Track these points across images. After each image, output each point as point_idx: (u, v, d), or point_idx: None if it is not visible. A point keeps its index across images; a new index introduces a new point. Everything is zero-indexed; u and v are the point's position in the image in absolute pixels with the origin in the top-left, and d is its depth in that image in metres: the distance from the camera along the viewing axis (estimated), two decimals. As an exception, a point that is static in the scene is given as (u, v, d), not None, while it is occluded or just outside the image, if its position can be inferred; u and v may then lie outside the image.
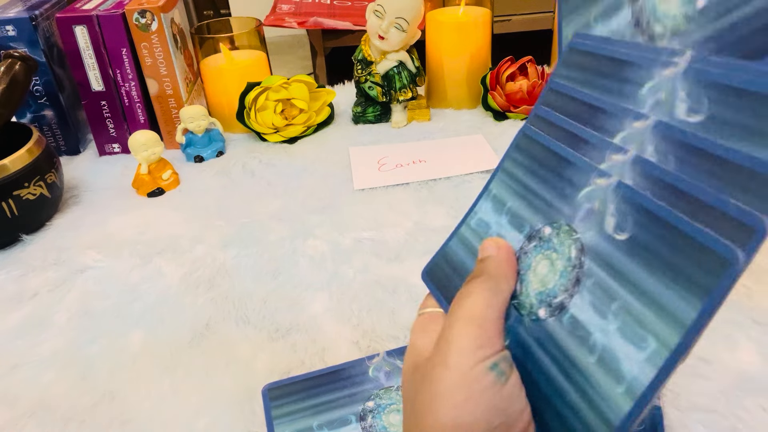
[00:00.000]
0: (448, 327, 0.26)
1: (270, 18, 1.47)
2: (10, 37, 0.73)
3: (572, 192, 0.28)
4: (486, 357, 0.25)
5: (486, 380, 0.24)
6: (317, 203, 0.66)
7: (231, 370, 0.46)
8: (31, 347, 0.50)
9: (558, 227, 0.28)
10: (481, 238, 0.32)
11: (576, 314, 0.25)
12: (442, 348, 0.26)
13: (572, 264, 0.26)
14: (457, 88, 0.84)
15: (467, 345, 0.25)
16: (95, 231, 0.65)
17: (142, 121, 0.79)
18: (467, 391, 0.24)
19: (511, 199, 0.32)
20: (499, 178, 0.33)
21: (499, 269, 0.28)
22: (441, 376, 0.25)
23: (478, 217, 0.33)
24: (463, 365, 0.24)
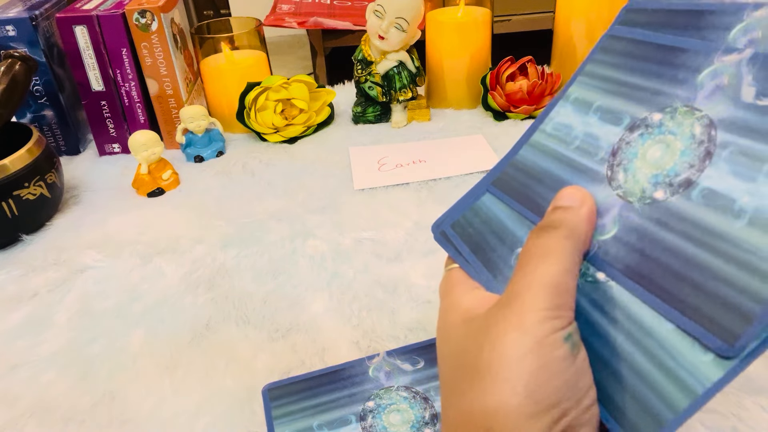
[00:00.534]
0: (523, 288, 0.24)
1: (270, 18, 1.47)
2: (10, 37, 0.73)
3: (688, 75, 0.28)
4: (562, 327, 0.24)
5: (560, 351, 0.23)
6: (317, 203, 0.66)
7: (231, 370, 0.46)
8: (31, 347, 0.50)
9: (672, 111, 0.28)
10: (562, 141, 0.32)
11: (710, 185, 0.25)
12: (516, 309, 0.24)
13: (697, 141, 0.26)
14: (457, 88, 0.84)
15: (544, 312, 0.24)
16: (95, 231, 0.65)
17: (142, 121, 0.79)
18: (542, 359, 0.23)
19: (601, 97, 0.31)
20: (581, 82, 0.33)
21: (582, 227, 0.26)
22: (514, 340, 0.23)
23: (556, 121, 0.33)
24: (539, 332, 0.23)
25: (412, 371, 0.44)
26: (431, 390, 0.42)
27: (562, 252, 0.25)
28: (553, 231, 0.26)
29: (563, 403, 0.23)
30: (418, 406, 0.41)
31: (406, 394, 0.42)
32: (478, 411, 0.23)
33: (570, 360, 0.23)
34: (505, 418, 0.23)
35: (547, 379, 0.23)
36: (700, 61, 0.27)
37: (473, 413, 0.24)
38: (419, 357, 0.45)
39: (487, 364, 0.24)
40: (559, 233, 0.26)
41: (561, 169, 0.31)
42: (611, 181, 0.29)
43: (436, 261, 0.56)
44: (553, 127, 0.33)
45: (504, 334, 0.24)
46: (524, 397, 0.22)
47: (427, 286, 0.53)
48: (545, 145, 0.32)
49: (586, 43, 0.81)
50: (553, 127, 0.33)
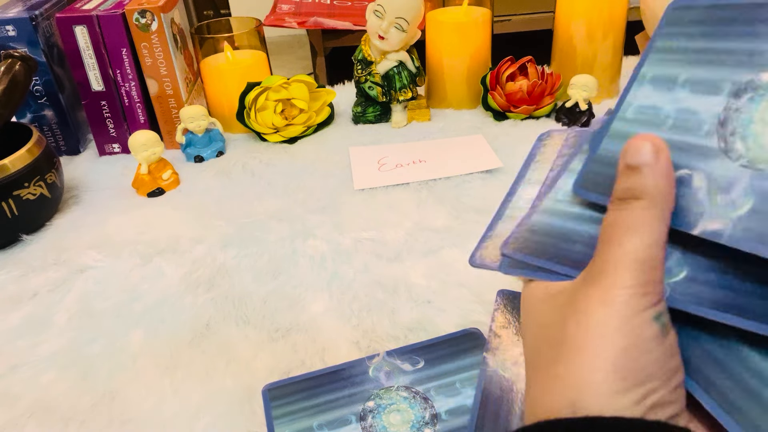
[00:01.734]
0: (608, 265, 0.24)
1: (270, 18, 1.47)
2: (10, 37, 0.73)
3: None
4: (651, 305, 0.23)
5: (650, 330, 0.23)
6: (317, 203, 0.66)
7: (231, 370, 0.46)
8: (31, 347, 0.50)
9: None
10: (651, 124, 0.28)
11: None
12: (603, 286, 0.24)
13: None
14: (457, 88, 0.84)
15: (633, 290, 0.23)
16: (95, 231, 0.65)
17: (142, 121, 0.79)
18: (630, 338, 0.23)
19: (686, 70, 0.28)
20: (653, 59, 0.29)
21: (662, 187, 0.25)
22: (603, 315, 0.23)
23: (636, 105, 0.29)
24: (628, 311, 0.23)
25: (412, 371, 0.44)
26: (431, 390, 0.42)
27: (647, 225, 0.24)
28: (634, 203, 0.24)
29: (650, 381, 0.22)
30: (418, 406, 0.41)
31: (406, 394, 0.42)
32: (563, 383, 0.23)
33: (659, 340, 0.23)
34: (590, 392, 0.22)
35: (635, 357, 0.22)
36: None
37: (558, 385, 0.24)
38: (419, 357, 0.45)
39: (573, 338, 0.24)
40: (641, 204, 0.24)
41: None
42: (728, 152, 0.26)
43: (436, 261, 0.56)
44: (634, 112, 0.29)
45: (592, 311, 0.24)
46: (611, 373, 0.22)
47: (427, 286, 0.53)
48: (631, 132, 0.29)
49: (586, 43, 0.81)
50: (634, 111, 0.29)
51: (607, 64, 0.82)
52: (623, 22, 0.80)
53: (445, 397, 0.42)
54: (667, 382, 0.23)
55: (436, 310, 0.50)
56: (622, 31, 0.81)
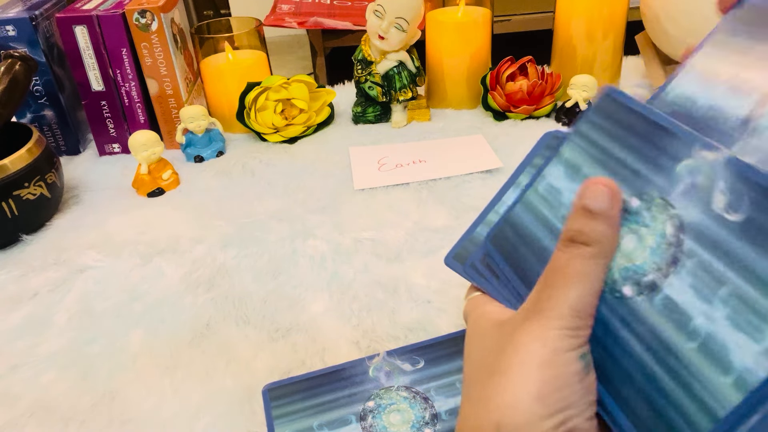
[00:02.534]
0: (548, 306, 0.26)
1: (270, 18, 1.47)
2: (10, 37, 0.73)
3: (668, 163, 0.26)
4: (579, 346, 0.26)
5: (575, 367, 0.25)
6: (317, 203, 0.66)
7: (231, 370, 0.46)
8: (31, 347, 0.50)
9: (649, 200, 0.26)
10: (551, 206, 0.31)
11: (672, 296, 0.24)
12: (540, 324, 0.26)
13: (668, 241, 0.25)
14: (457, 88, 0.84)
15: (566, 331, 0.25)
16: (95, 231, 0.65)
17: (142, 121, 0.79)
18: (557, 370, 0.25)
19: (589, 165, 0.30)
20: (574, 142, 0.31)
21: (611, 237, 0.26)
22: (535, 349, 0.25)
23: (547, 182, 0.32)
24: (558, 347, 0.25)
25: (412, 371, 0.44)
26: (431, 390, 0.42)
27: (590, 275, 0.26)
28: (582, 249, 0.26)
29: (569, 410, 0.25)
30: (418, 406, 0.41)
31: (406, 394, 0.42)
32: (491, 406, 0.26)
33: (581, 375, 0.26)
34: (516, 415, 0.25)
35: (559, 387, 0.25)
36: (681, 149, 0.26)
37: (488, 406, 0.26)
38: (419, 357, 0.45)
39: (507, 365, 0.26)
40: (589, 252, 0.26)
41: (546, 237, 0.30)
42: None
43: (436, 261, 0.56)
44: (544, 188, 0.32)
45: (527, 343, 0.26)
46: (536, 399, 0.25)
47: (427, 286, 0.53)
48: (535, 206, 0.32)
49: (586, 43, 0.81)
50: (544, 188, 0.32)
51: (607, 64, 0.82)
52: (623, 22, 0.80)
53: (445, 397, 0.42)
54: (583, 413, 0.25)
55: (436, 310, 0.50)
56: (622, 31, 0.81)
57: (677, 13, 0.76)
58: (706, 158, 0.25)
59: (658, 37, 0.83)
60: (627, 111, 0.29)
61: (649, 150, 0.27)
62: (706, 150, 0.25)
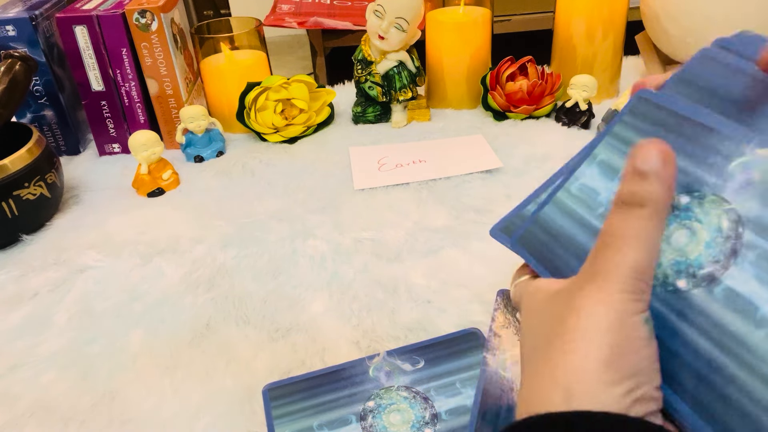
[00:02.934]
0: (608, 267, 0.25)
1: (270, 18, 1.47)
2: (10, 37, 0.73)
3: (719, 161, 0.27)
4: (642, 310, 0.25)
5: (641, 332, 0.24)
6: (317, 203, 0.66)
7: (231, 370, 0.46)
8: (31, 347, 0.50)
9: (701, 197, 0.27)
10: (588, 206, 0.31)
11: (734, 287, 0.24)
12: (602, 287, 0.25)
13: (725, 235, 0.25)
14: (457, 88, 0.84)
15: (629, 294, 0.24)
16: (95, 231, 0.65)
17: (142, 121, 0.79)
18: (623, 335, 0.24)
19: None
20: (608, 143, 0.31)
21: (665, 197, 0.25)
22: (600, 312, 0.24)
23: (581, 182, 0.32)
24: (623, 311, 0.24)
25: (412, 371, 0.44)
26: (431, 390, 0.42)
27: (647, 235, 0.25)
28: (637, 210, 0.25)
29: (638, 376, 0.24)
30: (418, 406, 0.41)
31: (406, 394, 0.42)
32: (558, 371, 0.25)
33: (647, 341, 0.25)
34: (583, 380, 0.24)
35: (627, 353, 0.24)
36: (731, 148, 0.26)
37: (553, 373, 0.25)
38: (419, 357, 0.45)
39: (571, 330, 0.25)
40: (644, 213, 0.25)
41: (584, 235, 0.30)
42: None
43: (436, 261, 0.56)
44: (578, 189, 0.32)
45: (590, 307, 0.25)
46: (604, 364, 0.24)
47: (427, 286, 0.53)
48: (570, 206, 0.32)
49: (586, 43, 0.81)
50: (578, 188, 0.32)
51: (607, 64, 0.82)
52: (623, 22, 0.80)
53: (445, 397, 0.42)
54: (651, 381, 0.24)
55: (436, 310, 0.50)
56: (622, 31, 0.81)
57: (677, 13, 0.76)
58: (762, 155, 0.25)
59: (658, 37, 0.83)
60: (663, 111, 0.30)
61: (694, 149, 0.28)
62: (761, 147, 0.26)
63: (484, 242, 0.58)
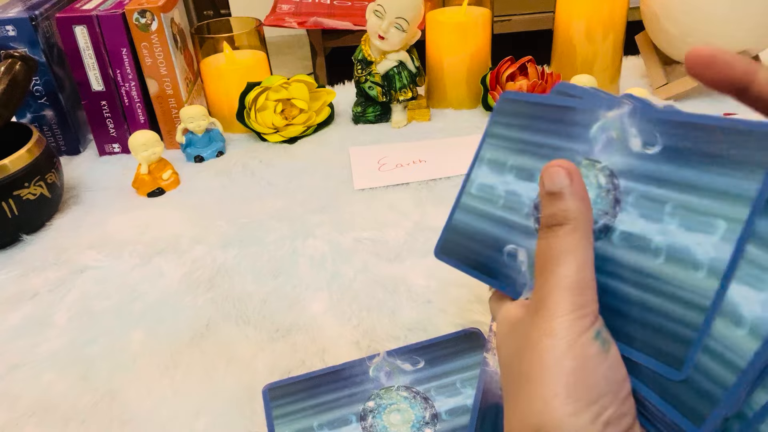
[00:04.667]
0: (546, 295, 0.26)
1: (270, 18, 1.47)
2: (10, 37, 0.73)
3: (581, 131, 0.30)
4: (590, 325, 0.25)
5: (592, 349, 0.25)
6: (317, 203, 0.66)
7: (231, 370, 0.46)
8: (31, 347, 0.50)
9: (577, 164, 0.29)
10: (490, 201, 0.34)
11: (626, 229, 0.27)
12: (545, 317, 0.25)
13: (605, 189, 0.29)
14: (457, 88, 0.84)
15: (570, 315, 0.25)
16: (95, 231, 0.65)
17: (142, 121, 0.79)
18: (576, 360, 0.24)
19: (511, 157, 0.33)
20: (489, 144, 0.35)
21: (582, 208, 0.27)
22: (547, 346, 0.25)
23: (478, 182, 0.35)
24: (569, 335, 0.25)
25: (412, 371, 0.44)
26: (431, 390, 0.42)
27: (574, 249, 0.26)
28: (559, 229, 0.26)
29: (602, 398, 0.24)
30: (418, 406, 0.41)
31: (406, 394, 0.42)
32: (528, 413, 0.25)
33: (602, 356, 0.25)
34: (550, 417, 0.24)
35: (584, 377, 0.24)
36: (588, 117, 0.30)
37: (525, 415, 0.25)
38: (419, 357, 0.45)
39: (528, 370, 0.26)
40: (567, 229, 0.26)
41: (495, 227, 0.33)
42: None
43: (436, 261, 0.56)
44: (477, 189, 0.35)
45: (538, 341, 0.25)
46: (564, 396, 0.24)
47: (427, 286, 0.53)
48: (475, 206, 0.35)
49: (586, 43, 0.81)
50: (476, 188, 0.35)
51: (607, 64, 0.82)
52: (623, 22, 0.80)
53: (446, 397, 0.42)
54: (617, 396, 0.25)
55: (436, 310, 0.50)
56: (622, 31, 0.81)
57: (677, 13, 0.76)
58: (612, 116, 0.29)
59: (658, 37, 0.83)
60: (526, 104, 0.33)
61: (559, 127, 0.31)
62: (609, 110, 0.29)
63: (484, 242, 0.58)
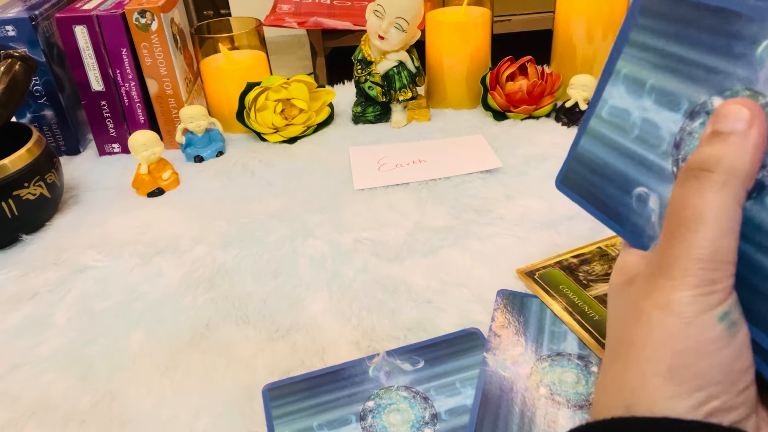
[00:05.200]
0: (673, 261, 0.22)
1: (270, 18, 1.47)
2: (10, 37, 0.73)
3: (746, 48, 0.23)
4: (717, 304, 0.21)
5: (714, 332, 0.21)
6: (317, 203, 0.66)
7: (231, 370, 0.46)
8: (31, 347, 0.50)
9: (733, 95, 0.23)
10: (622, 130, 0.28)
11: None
12: (664, 288, 0.22)
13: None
14: (457, 88, 0.84)
15: (695, 290, 0.21)
16: (95, 231, 0.65)
17: (142, 121, 0.79)
18: (689, 341, 0.21)
19: (653, 74, 0.27)
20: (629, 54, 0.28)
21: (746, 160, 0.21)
22: (661, 320, 0.22)
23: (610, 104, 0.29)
24: (689, 313, 0.21)
25: (412, 371, 0.44)
26: (431, 390, 0.42)
27: (717, 211, 0.21)
28: (706, 178, 0.21)
29: (711, 386, 0.21)
30: (418, 406, 0.41)
31: (406, 394, 0.42)
32: (620, 385, 0.23)
33: (724, 341, 0.21)
34: (645, 397, 0.22)
35: (695, 361, 0.21)
36: (756, 30, 0.23)
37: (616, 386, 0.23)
38: (419, 357, 0.45)
39: (633, 339, 0.23)
40: (715, 180, 0.21)
41: (625, 163, 0.28)
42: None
43: (436, 261, 0.56)
44: (608, 112, 0.29)
45: (651, 314, 0.22)
46: (665, 378, 0.21)
47: (427, 286, 0.53)
48: (604, 134, 0.29)
49: (586, 43, 0.81)
50: (608, 111, 0.29)
51: (607, 64, 0.82)
52: (623, 22, 0.80)
53: (445, 397, 0.42)
54: (732, 386, 0.21)
55: (436, 310, 0.50)
56: (622, 31, 0.81)
57: (677, 13, 0.76)
58: None
59: (658, 37, 0.83)
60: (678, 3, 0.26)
61: (718, 41, 0.24)
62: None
63: (484, 242, 0.58)
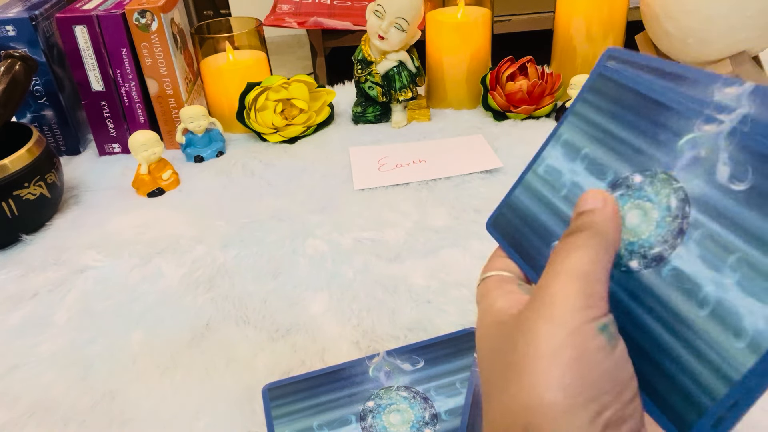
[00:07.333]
0: (552, 280, 0.24)
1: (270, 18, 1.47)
2: (10, 37, 0.73)
3: (669, 138, 0.26)
4: (595, 317, 0.23)
5: (596, 342, 0.22)
6: (317, 203, 0.66)
7: (231, 370, 0.46)
8: (31, 347, 0.50)
9: (652, 175, 0.27)
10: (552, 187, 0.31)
11: (680, 266, 0.24)
12: (545, 302, 0.23)
13: (673, 214, 0.25)
14: (457, 88, 0.84)
15: (575, 302, 0.23)
16: (95, 231, 0.65)
17: (142, 121, 0.79)
18: (576, 351, 0.22)
19: (588, 144, 0.30)
20: (571, 122, 0.31)
21: (607, 225, 0.25)
22: (546, 332, 0.22)
23: (547, 163, 0.32)
24: (571, 322, 0.22)
25: (412, 371, 0.44)
26: (431, 390, 0.42)
27: (589, 245, 0.24)
28: (579, 233, 0.25)
29: (602, 396, 0.22)
30: (418, 406, 0.41)
31: (406, 394, 0.42)
32: (516, 407, 0.23)
33: (607, 351, 0.22)
34: (542, 413, 0.22)
35: (584, 371, 0.22)
36: (681, 125, 0.26)
37: (512, 410, 0.23)
38: (419, 357, 0.45)
39: (521, 359, 0.23)
40: (587, 233, 0.25)
41: (549, 217, 0.31)
42: None
43: (436, 261, 0.56)
44: (544, 170, 0.32)
45: (536, 328, 0.23)
46: (560, 390, 0.21)
47: (427, 286, 0.53)
48: (537, 188, 0.32)
49: (586, 43, 0.81)
50: (544, 169, 0.32)
51: (607, 64, 0.82)
52: (623, 22, 0.80)
53: (445, 397, 0.42)
54: (620, 396, 0.22)
55: (436, 310, 0.50)
56: (622, 31, 0.81)
57: (677, 13, 0.76)
58: (708, 131, 0.25)
59: (658, 37, 0.83)
60: (622, 88, 0.30)
61: (648, 126, 0.28)
62: (708, 123, 0.25)
63: (484, 242, 0.58)
